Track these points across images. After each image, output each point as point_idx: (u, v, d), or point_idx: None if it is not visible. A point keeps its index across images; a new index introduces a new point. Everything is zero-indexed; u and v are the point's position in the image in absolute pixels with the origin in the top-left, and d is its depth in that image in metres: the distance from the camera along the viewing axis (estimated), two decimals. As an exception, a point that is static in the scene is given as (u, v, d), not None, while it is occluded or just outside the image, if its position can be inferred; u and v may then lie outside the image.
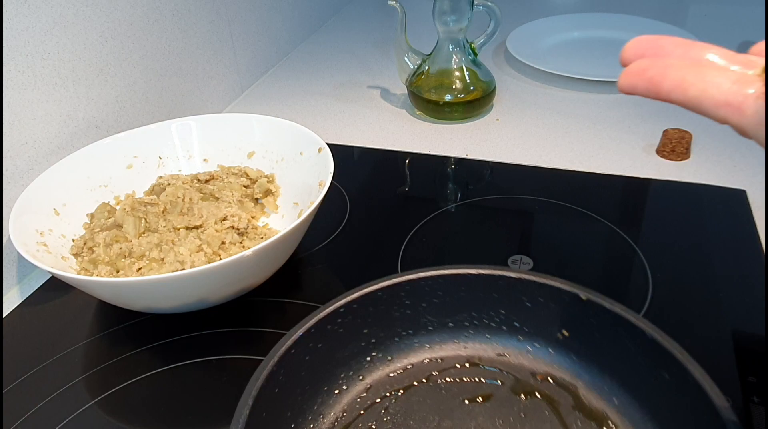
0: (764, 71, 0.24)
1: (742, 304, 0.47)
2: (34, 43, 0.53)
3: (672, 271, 0.51)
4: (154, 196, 0.56)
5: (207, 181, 0.58)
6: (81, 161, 0.55)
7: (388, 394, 0.39)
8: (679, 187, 0.61)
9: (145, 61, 0.67)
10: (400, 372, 0.40)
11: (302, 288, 0.52)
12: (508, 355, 0.41)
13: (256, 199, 0.58)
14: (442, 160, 0.69)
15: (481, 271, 0.40)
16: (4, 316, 0.51)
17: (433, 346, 0.41)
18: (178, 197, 0.55)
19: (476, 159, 0.68)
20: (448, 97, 0.74)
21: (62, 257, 0.49)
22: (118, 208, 0.55)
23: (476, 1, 0.71)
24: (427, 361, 0.41)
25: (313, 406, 0.37)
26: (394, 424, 0.37)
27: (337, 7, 1.14)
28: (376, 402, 0.39)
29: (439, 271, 0.40)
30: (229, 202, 0.55)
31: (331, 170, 0.51)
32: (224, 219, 0.52)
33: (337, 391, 0.39)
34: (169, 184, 0.56)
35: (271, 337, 0.48)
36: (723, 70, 0.24)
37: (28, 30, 0.52)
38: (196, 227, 0.52)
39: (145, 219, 0.52)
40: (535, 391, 0.39)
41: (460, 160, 0.68)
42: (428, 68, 0.75)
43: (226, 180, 0.58)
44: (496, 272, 0.40)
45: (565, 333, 0.40)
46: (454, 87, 0.74)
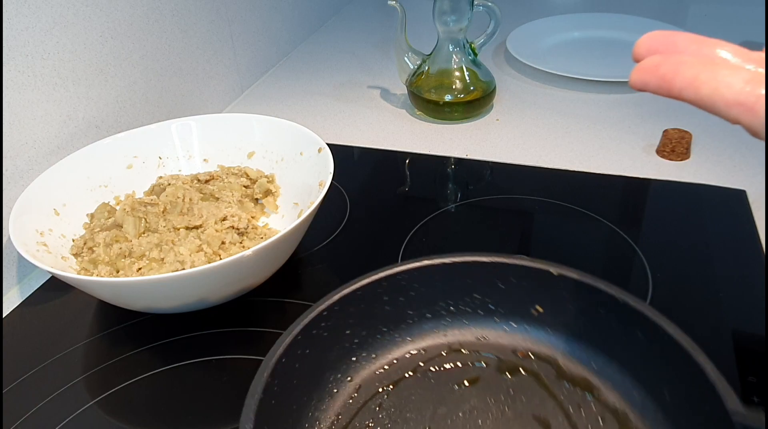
0: None
1: (742, 304, 0.47)
2: (34, 43, 0.53)
3: (672, 271, 0.51)
4: (154, 196, 0.56)
5: (207, 181, 0.58)
6: (81, 161, 0.55)
7: (380, 390, 0.40)
8: (679, 187, 0.61)
9: (145, 61, 0.67)
10: (386, 368, 0.41)
11: (302, 288, 0.52)
12: (488, 338, 0.42)
13: (256, 199, 0.58)
14: (442, 160, 0.69)
15: (455, 259, 0.41)
16: (4, 316, 0.51)
17: (415, 338, 0.42)
18: (178, 197, 0.55)
19: (476, 159, 0.68)
20: (448, 97, 0.74)
21: (62, 257, 0.49)
22: (118, 208, 0.55)
23: (476, 1, 0.71)
24: (411, 353, 0.42)
25: (308, 413, 0.37)
26: (391, 419, 0.38)
27: (337, 7, 1.14)
28: (368, 400, 0.39)
29: (414, 264, 0.41)
30: (229, 202, 0.55)
31: (331, 170, 0.51)
32: (224, 219, 0.52)
33: (329, 396, 0.39)
34: (169, 184, 0.56)
35: (271, 337, 0.48)
36: (736, 69, 0.24)
37: (28, 30, 0.52)
38: (196, 227, 0.52)
39: (145, 219, 0.52)
40: (518, 368, 0.40)
41: (460, 160, 0.68)
42: (428, 68, 0.75)
43: (226, 180, 0.58)
44: (468, 259, 0.41)
45: (539, 309, 0.41)
46: (454, 87, 0.74)
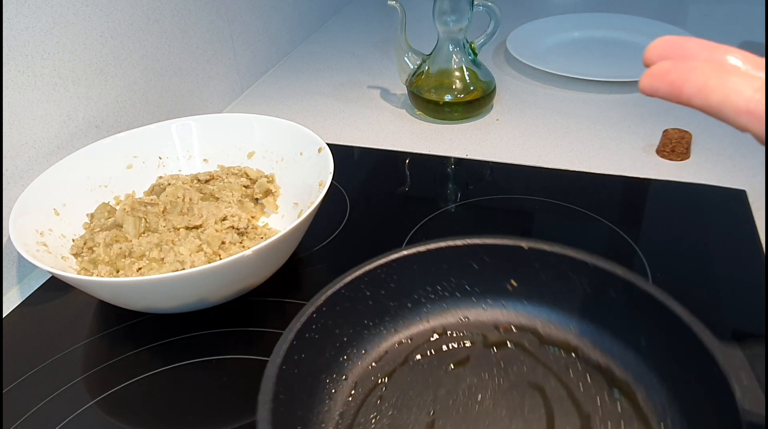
0: None
1: (742, 304, 0.47)
2: (34, 43, 0.53)
3: (672, 271, 0.51)
4: (154, 196, 0.56)
5: (207, 181, 0.58)
6: (81, 161, 0.55)
7: (377, 384, 0.40)
8: (679, 187, 0.61)
9: (145, 61, 0.67)
10: (378, 361, 0.42)
11: (302, 288, 0.52)
12: (469, 317, 0.44)
13: (256, 199, 0.58)
14: (442, 160, 0.69)
15: (429, 247, 0.42)
16: (4, 316, 0.51)
17: (400, 328, 0.43)
18: (178, 197, 0.55)
19: (476, 159, 0.68)
20: (448, 97, 0.75)
21: (62, 257, 0.49)
22: (118, 208, 0.55)
23: (476, 1, 0.71)
24: (399, 344, 0.43)
25: (312, 417, 0.37)
26: (395, 409, 0.39)
27: (337, 7, 1.14)
28: (368, 395, 0.40)
29: (391, 256, 0.42)
30: (229, 202, 0.55)
31: (331, 170, 0.51)
32: (224, 219, 0.52)
33: (328, 397, 0.39)
34: (169, 184, 0.56)
35: (271, 337, 0.48)
36: (746, 77, 0.24)
37: (28, 30, 0.52)
38: (196, 227, 0.52)
39: (145, 219, 0.52)
40: (503, 341, 0.42)
41: (460, 160, 0.68)
42: (428, 68, 0.75)
43: (226, 180, 0.58)
44: (441, 244, 0.43)
45: (514, 283, 0.43)
46: (454, 87, 0.74)
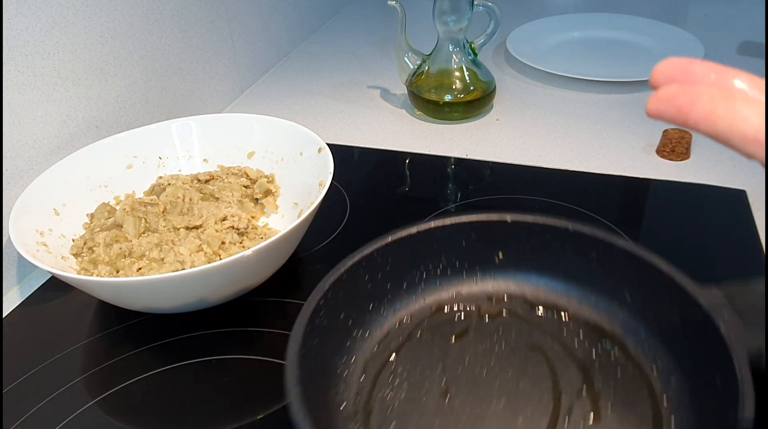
0: None
1: (742, 304, 0.47)
2: (34, 43, 0.53)
3: (672, 271, 0.51)
4: (154, 196, 0.56)
5: (207, 181, 0.58)
6: (81, 161, 0.55)
7: (386, 362, 0.42)
8: (679, 187, 0.61)
9: (145, 61, 0.67)
10: (383, 341, 0.43)
11: (302, 288, 0.52)
12: (462, 292, 0.46)
13: (256, 199, 0.58)
14: (442, 160, 0.69)
15: (420, 228, 0.44)
16: (4, 316, 0.51)
17: (397, 309, 0.45)
18: (178, 197, 0.55)
19: (476, 159, 0.68)
20: (448, 97, 0.75)
21: (62, 257, 0.49)
22: (118, 208, 0.55)
23: (476, 1, 0.71)
24: (400, 323, 0.44)
25: (329, 399, 0.39)
26: (408, 383, 0.40)
27: (337, 7, 1.14)
28: (379, 374, 0.41)
29: (385, 240, 0.43)
30: (229, 202, 0.55)
31: (331, 170, 0.51)
32: (224, 219, 0.52)
33: (341, 380, 0.40)
34: (169, 184, 0.56)
35: (271, 337, 0.48)
36: (754, 103, 0.23)
37: (28, 30, 0.52)
38: (196, 227, 0.52)
39: (145, 219, 0.52)
40: (498, 311, 0.45)
41: (460, 160, 0.68)
42: (428, 68, 0.75)
43: (226, 180, 0.58)
44: (431, 224, 0.44)
45: (501, 255, 0.46)
46: (454, 87, 0.74)
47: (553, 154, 0.69)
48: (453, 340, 0.43)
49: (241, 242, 0.51)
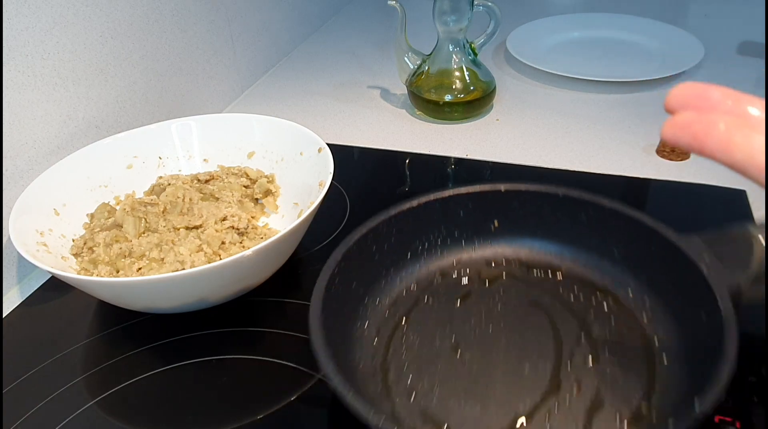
0: None
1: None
2: (34, 43, 0.53)
3: (672, 271, 0.51)
4: (154, 196, 0.56)
5: (207, 181, 0.58)
6: (81, 161, 0.55)
7: (398, 325, 0.45)
8: (679, 187, 0.61)
9: (145, 61, 0.67)
10: (392, 307, 0.46)
11: (302, 288, 0.52)
12: (462, 259, 0.49)
13: (256, 199, 0.58)
14: (442, 160, 0.69)
15: (420, 201, 0.47)
16: (4, 316, 0.51)
17: (403, 277, 0.48)
18: (178, 197, 0.55)
19: (476, 159, 0.68)
20: (448, 97, 0.75)
21: (62, 257, 0.49)
22: (118, 208, 0.55)
23: (476, 1, 0.71)
24: (407, 290, 0.47)
25: (349, 361, 0.41)
26: (420, 341, 0.43)
27: (337, 7, 1.14)
28: (392, 336, 0.44)
29: (390, 213, 0.46)
30: (229, 202, 0.55)
31: (331, 170, 0.51)
32: (224, 219, 0.52)
33: (357, 343, 0.43)
34: (169, 184, 0.56)
35: (271, 337, 0.48)
36: None
37: (28, 30, 0.52)
38: (196, 227, 0.52)
39: (145, 219, 0.52)
40: (497, 274, 0.48)
41: (460, 160, 0.68)
42: (428, 68, 0.75)
43: (226, 180, 0.58)
44: (431, 197, 0.47)
45: (497, 223, 0.49)
46: (454, 87, 0.74)
47: (553, 154, 0.69)
48: (458, 304, 0.46)
49: (241, 242, 0.51)
